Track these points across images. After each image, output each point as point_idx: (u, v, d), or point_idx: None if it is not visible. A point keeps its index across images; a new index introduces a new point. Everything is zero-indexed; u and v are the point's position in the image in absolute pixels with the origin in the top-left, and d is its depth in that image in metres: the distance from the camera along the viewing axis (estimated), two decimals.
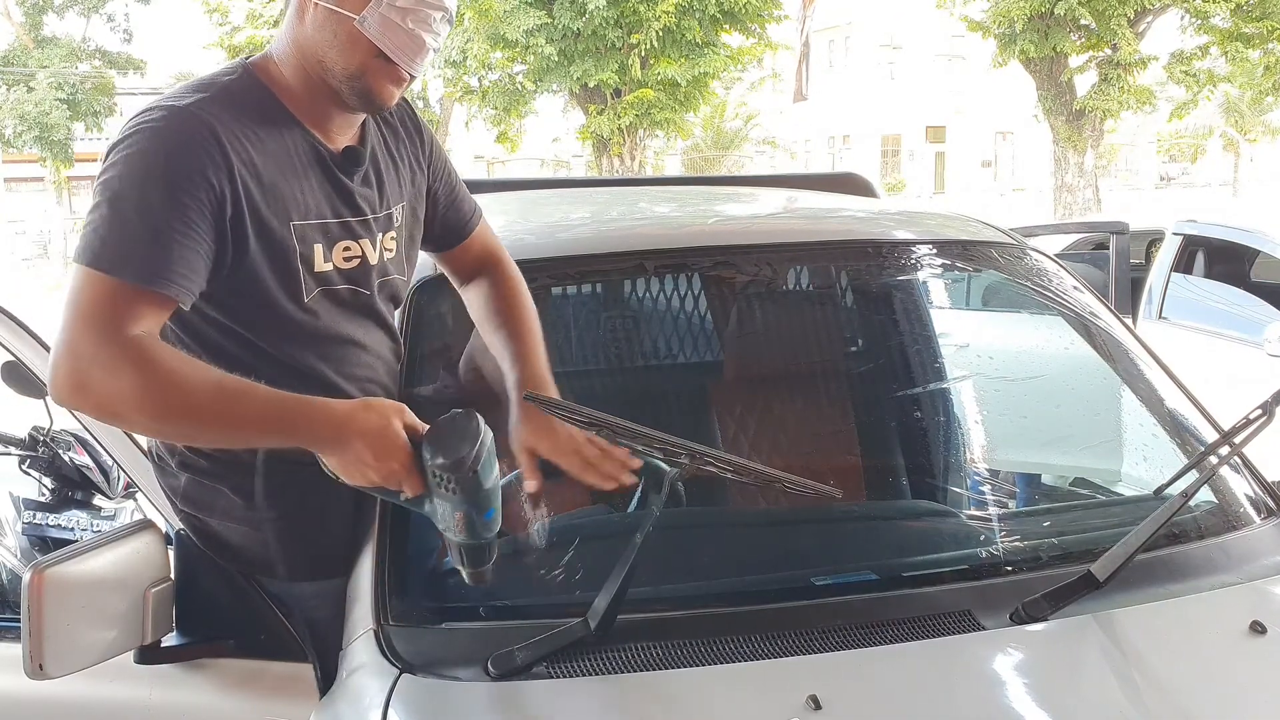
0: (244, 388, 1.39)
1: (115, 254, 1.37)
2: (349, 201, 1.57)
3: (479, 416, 1.31)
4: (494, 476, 1.30)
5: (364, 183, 1.59)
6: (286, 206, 1.49)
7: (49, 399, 2.94)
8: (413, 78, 1.54)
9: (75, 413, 1.61)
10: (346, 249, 1.57)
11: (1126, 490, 2.24)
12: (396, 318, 1.72)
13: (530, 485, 1.55)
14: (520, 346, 1.68)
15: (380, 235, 1.61)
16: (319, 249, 1.53)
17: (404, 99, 1.71)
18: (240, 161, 1.44)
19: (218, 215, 1.42)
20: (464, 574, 1.35)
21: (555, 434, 1.55)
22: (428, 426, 1.35)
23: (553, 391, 1.61)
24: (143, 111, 1.47)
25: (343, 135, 1.59)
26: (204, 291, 1.44)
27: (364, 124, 1.62)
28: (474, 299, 1.79)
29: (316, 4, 1.48)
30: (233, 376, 1.40)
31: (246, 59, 1.58)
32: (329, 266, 1.55)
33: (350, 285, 1.58)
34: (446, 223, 1.77)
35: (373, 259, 1.60)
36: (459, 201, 1.79)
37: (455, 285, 1.83)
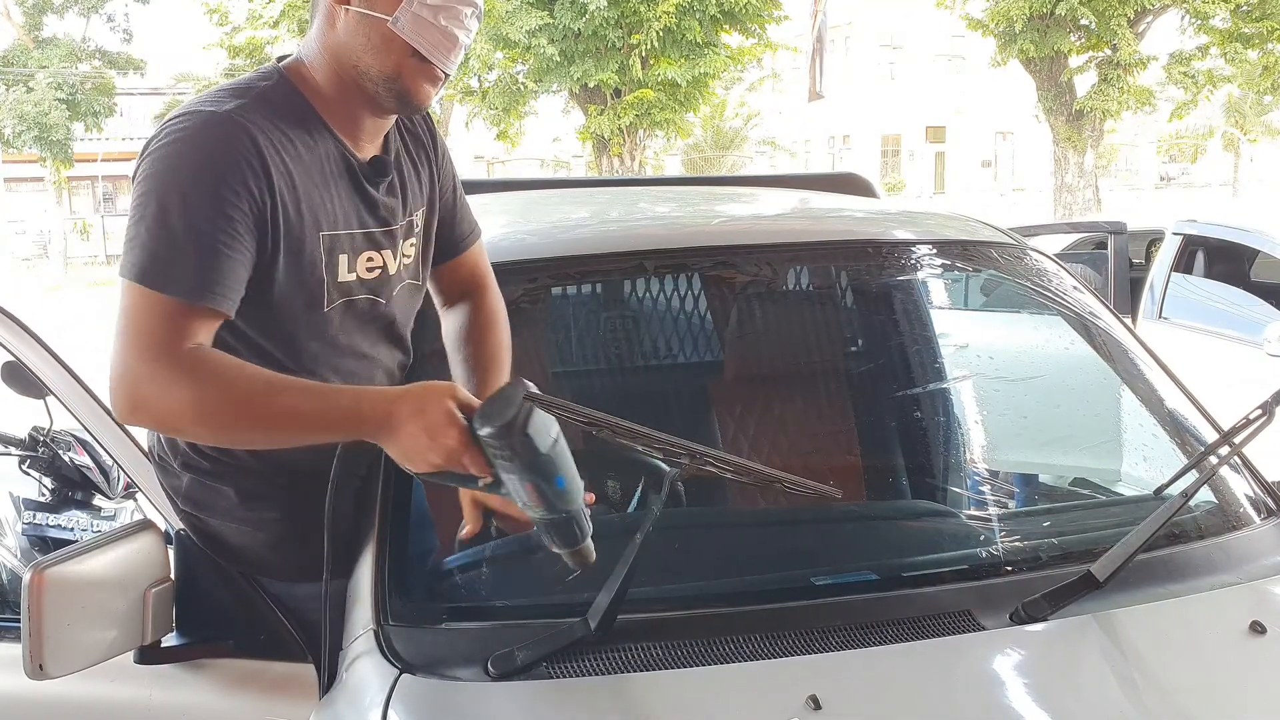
0: (291, 382, 1.41)
1: (165, 270, 1.38)
2: (374, 212, 1.57)
3: (526, 382, 1.25)
4: (551, 441, 1.23)
5: (388, 192, 1.59)
6: (317, 216, 1.49)
7: (48, 400, 2.96)
8: (447, 76, 1.53)
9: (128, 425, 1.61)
10: (370, 259, 1.56)
11: (1126, 490, 2.24)
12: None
13: (465, 531, 1.48)
14: (480, 380, 1.60)
15: (401, 243, 1.61)
16: (344, 259, 1.53)
17: None
18: (277, 171, 1.44)
19: (259, 224, 1.43)
20: (564, 557, 1.30)
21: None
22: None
23: None
24: (181, 115, 1.46)
25: (370, 143, 1.58)
26: None
27: (387, 131, 1.62)
28: (449, 325, 1.72)
29: (348, 9, 1.47)
30: (281, 375, 1.41)
31: (280, 61, 1.57)
32: (352, 277, 1.55)
33: (370, 295, 1.58)
34: (443, 236, 1.73)
35: (392, 268, 1.60)
36: (460, 218, 1.76)
37: (437, 306, 1.77)
